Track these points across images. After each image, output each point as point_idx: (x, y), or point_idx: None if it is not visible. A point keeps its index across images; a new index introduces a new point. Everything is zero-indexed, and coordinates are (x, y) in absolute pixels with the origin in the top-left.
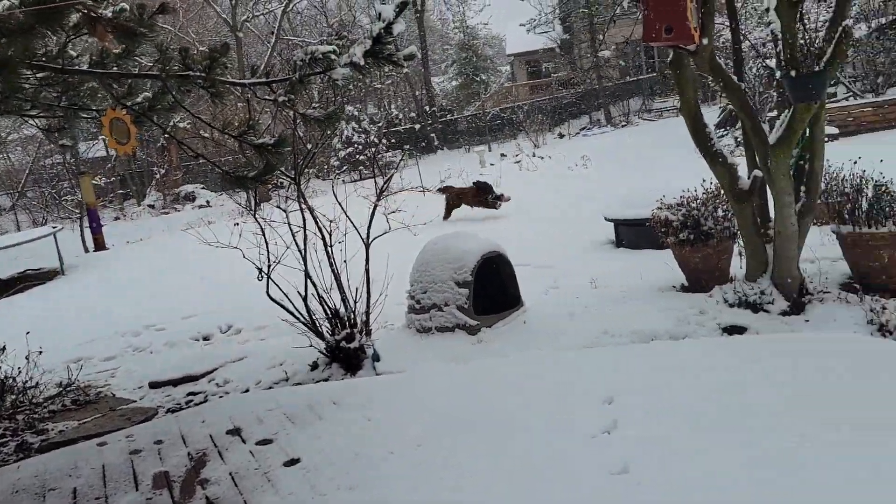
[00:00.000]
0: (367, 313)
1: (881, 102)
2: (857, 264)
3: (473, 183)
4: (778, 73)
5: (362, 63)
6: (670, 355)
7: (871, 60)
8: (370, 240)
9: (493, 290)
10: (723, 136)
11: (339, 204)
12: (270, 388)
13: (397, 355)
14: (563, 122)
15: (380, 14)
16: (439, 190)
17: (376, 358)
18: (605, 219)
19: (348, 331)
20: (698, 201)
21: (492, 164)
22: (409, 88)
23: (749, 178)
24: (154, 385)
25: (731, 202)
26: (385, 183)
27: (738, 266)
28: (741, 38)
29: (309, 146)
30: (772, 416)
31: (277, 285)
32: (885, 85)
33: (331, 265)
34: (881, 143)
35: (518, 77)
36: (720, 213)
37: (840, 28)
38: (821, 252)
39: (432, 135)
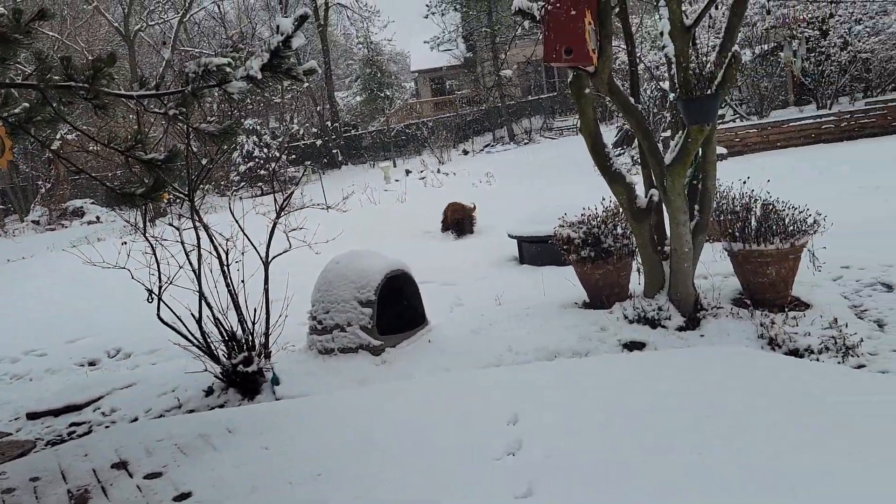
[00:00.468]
0: (267, 335)
1: (765, 125)
2: (747, 280)
3: (456, 218)
4: (672, 96)
5: (260, 77)
6: (573, 372)
7: (755, 85)
8: (270, 258)
9: (397, 308)
10: (620, 154)
11: (237, 221)
12: (161, 416)
13: (298, 378)
14: (467, 138)
15: (278, 27)
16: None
17: (276, 381)
18: (509, 235)
19: (246, 354)
20: (598, 219)
21: (397, 180)
22: (312, 103)
23: (646, 196)
24: (32, 416)
25: (630, 220)
26: (285, 199)
27: (637, 282)
28: (637, 60)
29: (204, 161)
30: (673, 431)
31: (169, 307)
32: (768, 108)
33: (227, 285)
34: (764, 166)
35: (422, 93)
36: (619, 230)
37: (730, 54)
38: (713, 268)
39: (336, 150)
